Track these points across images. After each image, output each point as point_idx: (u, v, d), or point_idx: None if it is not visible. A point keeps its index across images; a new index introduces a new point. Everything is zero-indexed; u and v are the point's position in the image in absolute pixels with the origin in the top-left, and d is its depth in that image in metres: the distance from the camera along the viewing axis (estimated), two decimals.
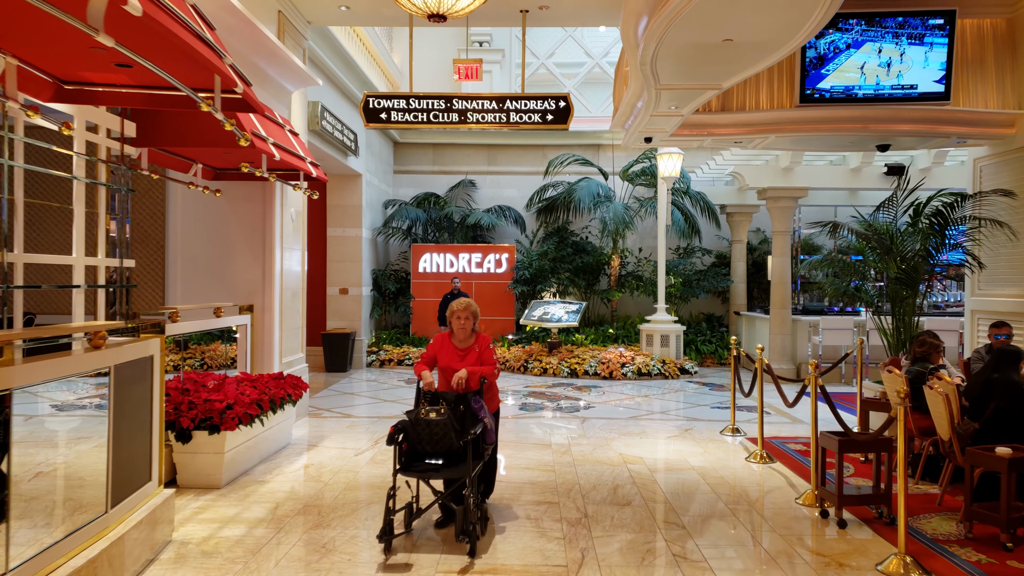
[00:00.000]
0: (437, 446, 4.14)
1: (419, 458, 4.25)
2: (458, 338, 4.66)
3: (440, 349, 4.66)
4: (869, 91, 7.14)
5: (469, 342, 4.65)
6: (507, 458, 6.40)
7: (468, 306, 4.63)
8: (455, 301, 4.63)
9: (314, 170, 6.79)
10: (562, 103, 7.71)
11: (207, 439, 5.36)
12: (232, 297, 7.30)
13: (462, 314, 4.60)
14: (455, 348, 4.64)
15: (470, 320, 4.61)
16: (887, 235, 7.37)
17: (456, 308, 4.63)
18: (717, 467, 6.14)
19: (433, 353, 4.66)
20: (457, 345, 4.65)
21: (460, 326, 4.61)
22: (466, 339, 4.65)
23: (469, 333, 4.64)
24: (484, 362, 4.56)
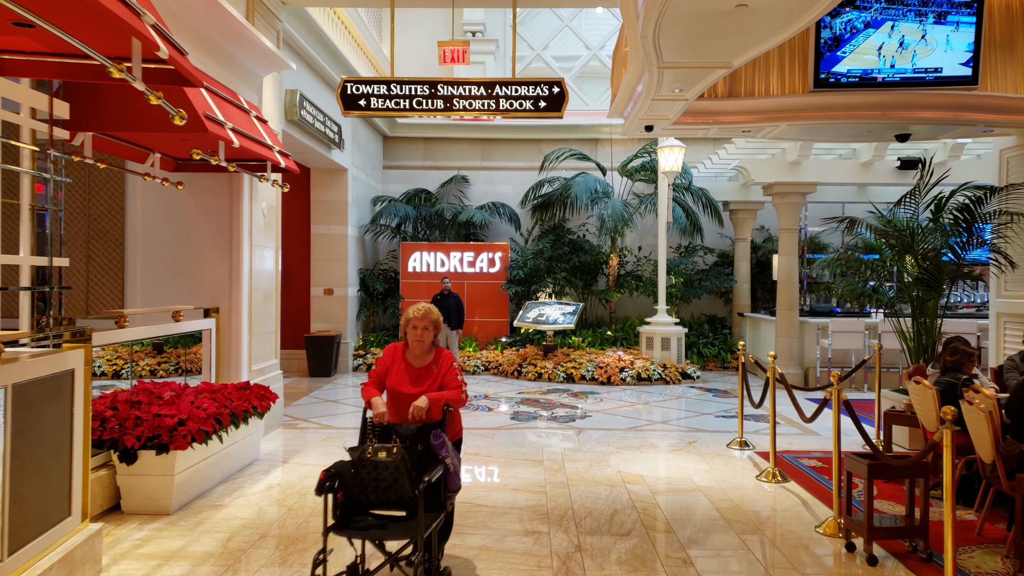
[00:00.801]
0: (386, 495, 3.26)
1: (362, 510, 3.38)
2: (414, 353, 3.75)
3: (391, 366, 3.77)
4: (889, 75, 6.56)
5: (427, 359, 3.76)
6: (494, 477, 5.81)
7: (428, 313, 3.73)
8: (412, 307, 3.77)
9: (283, 160, 6.20)
10: (556, 89, 7.12)
11: (154, 460, 4.77)
12: (196, 299, 6.71)
13: (420, 323, 3.68)
14: (409, 366, 3.73)
15: (429, 331, 3.71)
16: (908, 232, 6.79)
17: (412, 316, 3.72)
18: (725, 487, 5.56)
19: (383, 370, 3.77)
20: (412, 362, 3.74)
21: (417, 338, 3.69)
22: (423, 355, 3.76)
23: (428, 348, 3.75)
24: (446, 385, 3.68)
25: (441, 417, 3.58)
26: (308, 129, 9.50)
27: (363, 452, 3.28)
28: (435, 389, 3.70)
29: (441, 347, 3.86)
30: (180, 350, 8.81)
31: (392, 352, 3.86)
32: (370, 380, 3.80)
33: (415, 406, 3.52)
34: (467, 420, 8.05)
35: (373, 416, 3.54)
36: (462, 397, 3.69)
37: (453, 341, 11.37)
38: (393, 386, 3.73)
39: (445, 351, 3.86)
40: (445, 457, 3.41)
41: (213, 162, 5.11)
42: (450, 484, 3.49)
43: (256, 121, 6.17)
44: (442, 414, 3.58)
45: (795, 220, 10.95)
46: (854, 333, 10.48)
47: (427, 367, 3.76)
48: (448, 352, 3.83)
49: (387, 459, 3.25)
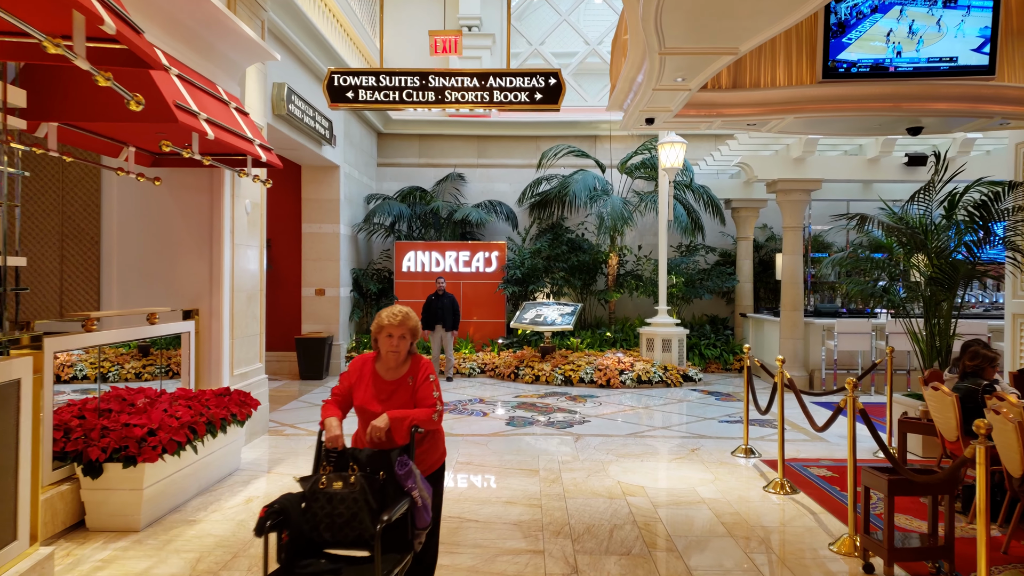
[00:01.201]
0: (343, 532, 2.81)
1: (315, 550, 2.90)
2: (386, 365, 3.22)
3: (358, 380, 3.23)
4: (902, 64, 6.24)
5: (401, 371, 3.24)
6: (487, 490, 5.50)
7: (405, 319, 3.18)
8: (385, 311, 3.22)
9: (264, 154, 5.88)
10: (552, 80, 6.81)
11: (121, 473, 4.46)
12: (175, 300, 6.40)
13: (395, 330, 3.15)
14: (379, 379, 3.23)
15: (406, 340, 3.19)
16: (921, 229, 6.48)
17: (387, 321, 3.16)
18: (731, 500, 5.25)
19: (348, 386, 3.25)
20: (383, 375, 3.23)
21: (391, 348, 3.16)
22: (398, 367, 3.23)
23: (403, 359, 3.23)
24: (420, 401, 3.18)
25: (407, 440, 3.07)
26: (297, 124, 9.18)
27: (315, 482, 2.85)
28: (409, 406, 3.20)
29: (419, 355, 3.35)
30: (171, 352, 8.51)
31: (360, 365, 3.31)
32: (332, 398, 3.27)
33: (372, 426, 3.02)
34: (461, 426, 7.73)
35: (327, 439, 3.02)
36: (434, 417, 3.16)
37: (448, 343, 11.06)
38: (361, 404, 3.20)
39: (423, 360, 3.33)
40: (412, 489, 2.92)
41: (185, 155, 4.79)
42: (418, 521, 2.99)
43: (236, 113, 5.86)
44: (408, 436, 3.07)
45: (799, 218, 10.64)
46: (861, 334, 10.16)
47: (400, 380, 3.24)
48: (426, 361, 3.34)
49: (343, 490, 2.80)
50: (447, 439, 7.21)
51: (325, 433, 3.06)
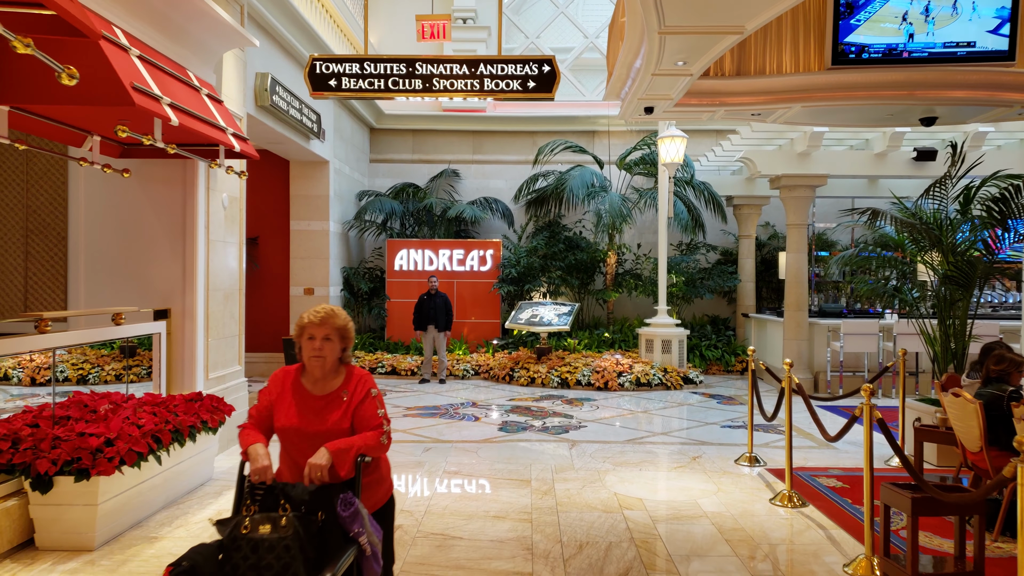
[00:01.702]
0: None
1: None
2: (312, 376, 2.72)
3: (280, 397, 2.71)
4: (916, 49, 5.89)
5: (332, 384, 2.72)
6: (475, 502, 5.14)
7: (330, 317, 2.68)
8: (308, 311, 2.73)
9: (238, 143, 5.52)
10: (546, 67, 6.45)
11: (73, 487, 4.10)
12: (147, 299, 6.05)
13: (317, 330, 2.65)
14: (305, 395, 2.70)
15: (332, 343, 2.67)
16: (936, 225, 6.12)
17: (308, 320, 2.68)
18: (736, 514, 4.89)
19: (268, 403, 2.73)
20: (309, 388, 2.71)
21: (313, 352, 2.65)
22: (325, 377, 2.72)
23: (333, 368, 2.72)
24: (361, 422, 2.66)
25: (353, 473, 2.58)
26: (282, 117, 8.82)
27: (237, 527, 2.36)
28: (344, 427, 2.64)
29: (353, 366, 2.81)
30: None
31: (281, 379, 2.76)
32: (250, 420, 2.72)
33: (312, 464, 2.49)
34: (452, 431, 7.38)
35: (251, 472, 2.49)
36: (383, 441, 2.65)
37: (441, 344, 10.70)
38: (283, 425, 2.65)
39: (359, 372, 2.79)
40: (359, 534, 2.45)
41: (146, 142, 4.43)
42: (366, 573, 2.51)
43: (208, 100, 5.50)
44: (354, 469, 2.57)
45: (804, 215, 10.29)
46: (867, 335, 9.81)
47: (332, 395, 2.70)
48: (364, 374, 2.80)
49: (272, 535, 2.31)
50: (436, 445, 6.90)
51: (249, 464, 2.52)
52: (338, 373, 2.78)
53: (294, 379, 2.78)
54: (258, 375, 11.20)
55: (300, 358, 2.73)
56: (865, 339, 9.80)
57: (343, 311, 2.78)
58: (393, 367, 11.22)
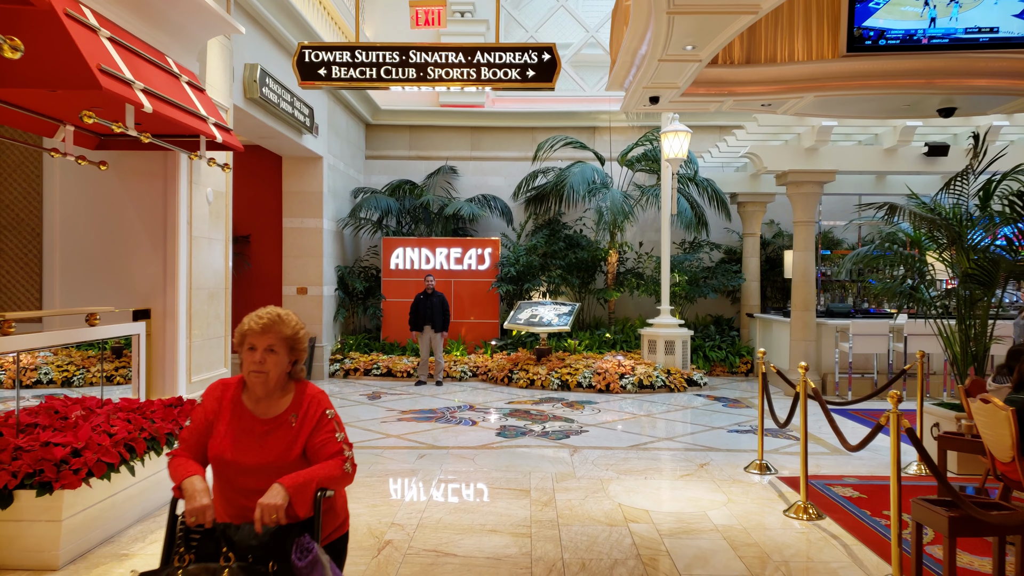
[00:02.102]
0: None
1: None
2: (254, 395, 2.29)
3: (217, 417, 2.28)
4: (936, 35, 5.59)
5: (278, 404, 2.30)
6: (471, 514, 4.83)
7: (274, 324, 2.24)
8: (251, 315, 2.29)
9: (220, 134, 5.22)
10: (546, 55, 6.15)
11: (35, 502, 3.79)
12: (126, 298, 5.74)
13: (259, 338, 2.22)
14: (246, 416, 2.28)
15: (277, 355, 2.24)
16: (955, 221, 5.83)
17: (249, 326, 2.25)
18: (748, 527, 4.59)
19: (203, 425, 2.29)
20: (252, 408, 2.29)
21: (255, 366, 2.22)
22: (270, 397, 2.29)
23: (280, 386, 2.29)
24: (316, 452, 2.25)
25: (312, 513, 2.17)
26: (273, 110, 8.52)
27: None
28: (291, 460, 2.21)
29: (305, 383, 2.36)
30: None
31: (219, 394, 2.32)
32: (182, 445, 2.28)
33: (264, 505, 2.05)
34: (448, 436, 7.08)
35: (186, 512, 2.07)
36: (346, 470, 2.25)
37: (438, 345, 10.40)
38: (219, 454, 2.22)
39: (312, 390, 2.34)
40: None
41: (116, 129, 4.13)
42: None
43: (188, 88, 5.20)
44: (313, 507, 2.16)
45: (812, 212, 9.98)
46: (877, 336, 9.51)
47: (279, 419, 2.27)
48: (317, 392, 2.34)
49: None
50: (432, 452, 6.59)
51: (186, 503, 2.08)
52: (286, 392, 2.32)
53: (234, 396, 2.31)
54: None
55: (243, 366, 2.28)
56: (875, 340, 9.50)
57: (293, 316, 2.33)
58: (389, 369, 10.92)
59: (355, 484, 5.40)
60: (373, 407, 8.68)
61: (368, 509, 4.85)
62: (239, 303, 10.81)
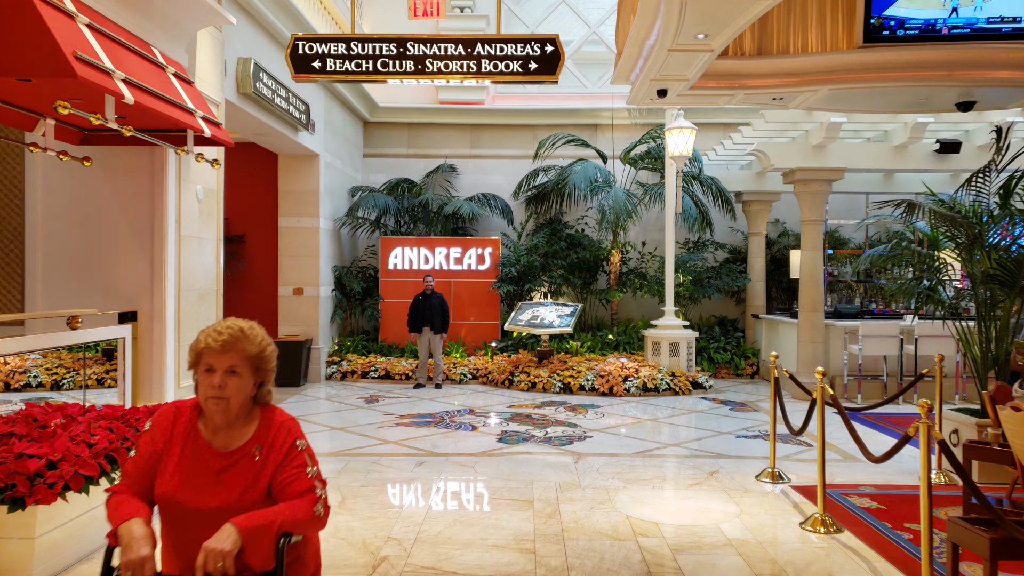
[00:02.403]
0: None
1: None
2: (213, 424, 1.98)
3: (167, 451, 1.95)
4: (958, 25, 5.35)
5: (243, 435, 1.99)
6: (471, 527, 4.59)
7: (238, 339, 1.93)
8: (208, 330, 1.98)
9: (208, 128, 4.98)
10: (549, 47, 5.91)
11: (6, 518, 3.56)
12: (112, 300, 5.51)
13: (219, 359, 1.91)
14: (202, 448, 1.96)
15: (241, 377, 1.93)
16: (976, 219, 5.59)
17: (207, 342, 1.93)
18: (763, 541, 4.35)
19: (151, 454, 1.96)
20: (209, 439, 1.98)
21: (212, 391, 1.90)
22: (235, 427, 1.98)
23: (243, 413, 1.99)
24: (283, 490, 1.94)
25: (273, 562, 1.84)
26: (267, 106, 8.28)
27: None
28: (255, 500, 1.90)
29: (273, 409, 2.05)
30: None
31: (170, 421, 1.98)
32: (123, 481, 1.96)
33: (209, 550, 1.72)
34: (447, 442, 6.85)
35: (121, 565, 1.75)
36: (316, 513, 1.93)
37: (437, 347, 10.17)
38: (168, 493, 1.90)
39: (280, 417, 2.03)
40: None
41: (94, 121, 3.89)
42: None
43: (175, 79, 4.96)
44: (275, 555, 1.84)
45: (820, 211, 9.75)
46: (887, 338, 9.29)
47: (242, 451, 1.95)
48: (287, 420, 2.03)
49: None
50: (430, 459, 6.34)
51: (123, 553, 1.75)
52: (249, 419, 1.99)
53: (188, 424, 1.97)
54: None
55: (196, 389, 1.96)
56: (885, 342, 9.28)
57: (259, 330, 2.00)
58: (387, 371, 10.68)
59: (351, 495, 5.17)
60: (370, 411, 8.44)
61: (363, 522, 4.61)
62: (234, 304, 10.59)
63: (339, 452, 6.48)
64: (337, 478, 5.58)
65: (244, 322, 1.98)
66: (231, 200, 10.40)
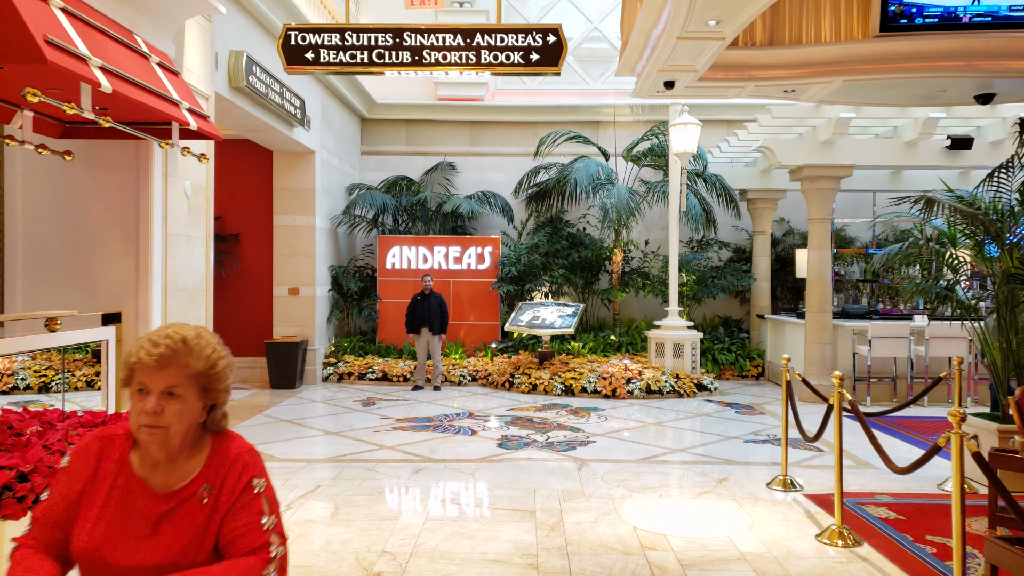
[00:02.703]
0: None
1: None
2: (150, 458, 1.59)
3: (90, 493, 1.57)
4: (979, 13, 5.12)
5: (188, 470, 1.61)
6: (470, 539, 4.36)
7: (176, 354, 1.55)
8: (141, 340, 1.58)
9: (194, 120, 4.75)
10: (551, 37, 5.68)
11: None
12: (95, 301, 5.28)
13: (155, 379, 1.54)
14: (137, 489, 1.58)
15: (184, 401, 1.57)
16: (998, 216, 5.37)
17: (139, 359, 1.54)
18: (778, 555, 4.12)
19: (67, 498, 1.57)
20: (146, 477, 1.59)
21: (149, 418, 1.52)
22: (179, 460, 1.61)
23: (189, 443, 1.61)
24: (231, 541, 1.57)
25: None
26: (261, 101, 8.04)
27: None
28: (206, 554, 1.54)
29: (230, 435, 1.69)
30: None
31: (95, 453, 1.59)
32: (32, 530, 1.57)
33: None
34: (445, 447, 6.62)
35: None
36: (268, 574, 1.56)
37: (436, 348, 9.94)
38: (90, 548, 1.51)
39: (237, 446, 1.66)
40: None
41: (68, 111, 3.65)
42: None
43: (159, 69, 4.72)
44: None
45: (827, 209, 9.52)
46: (898, 339, 9.06)
47: (187, 491, 1.58)
48: (244, 451, 1.66)
49: None
50: (428, 466, 6.10)
51: None
52: (198, 450, 1.60)
53: (118, 458, 1.57)
54: (239, 381, 10.43)
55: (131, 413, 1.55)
56: (895, 343, 9.06)
57: (209, 339, 1.62)
58: (384, 373, 10.45)
59: (345, 504, 4.94)
60: (367, 414, 8.21)
61: (357, 534, 4.38)
62: (229, 305, 10.36)
63: (333, 458, 6.25)
64: (331, 486, 5.35)
65: (190, 329, 1.60)
66: (225, 198, 10.18)
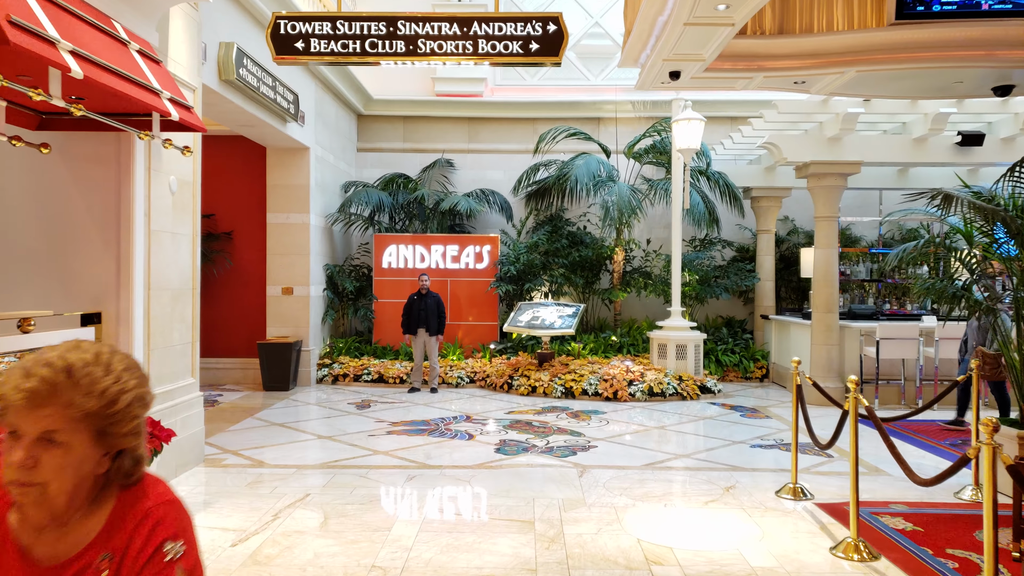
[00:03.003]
0: None
1: None
2: (32, 521, 1.22)
3: None
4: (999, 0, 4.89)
5: (85, 533, 1.25)
6: (466, 553, 4.13)
7: (56, 387, 1.16)
8: (13, 368, 1.18)
9: (176, 110, 4.52)
10: (552, 26, 5.45)
11: None
12: (74, 301, 5.04)
13: (28, 422, 1.15)
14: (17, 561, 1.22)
15: (71, 448, 1.18)
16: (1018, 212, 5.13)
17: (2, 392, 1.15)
18: (791, 570, 3.89)
19: None
20: (29, 547, 1.23)
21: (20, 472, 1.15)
22: (71, 522, 1.24)
23: (81, 499, 1.24)
24: None
25: None
26: (253, 94, 7.81)
27: None
28: None
29: (144, 487, 1.33)
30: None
31: None
32: None
33: None
34: (441, 453, 6.39)
35: None
36: None
37: (433, 349, 9.71)
38: None
39: (153, 499, 1.32)
40: None
41: (34, 97, 3.41)
42: None
43: (139, 56, 4.49)
44: None
45: (834, 206, 9.29)
46: (907, 340, 8.83)
47: (79, 563, 1.24)
48: (161, 502, 1.33)
49: None
50: (423, 472, 5.86)
51: None
52: (97, 507, 1.26)
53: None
54: (231, 383, 10.21)
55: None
56: (904, 344, 8.83)
57: (109, 362, 1.25)
58: (380, 374, 10.22)
59: (335, 513, 4.72)
60: (361, 418, 7.98)
61: (346, 547, 4.15)
62: (221, 304, 10.13)
63: (325, 464, 6.02)
64: (320, 495, 5.12)
65: (83, 353, 1.22)
66: (217, 195, 9.95)
